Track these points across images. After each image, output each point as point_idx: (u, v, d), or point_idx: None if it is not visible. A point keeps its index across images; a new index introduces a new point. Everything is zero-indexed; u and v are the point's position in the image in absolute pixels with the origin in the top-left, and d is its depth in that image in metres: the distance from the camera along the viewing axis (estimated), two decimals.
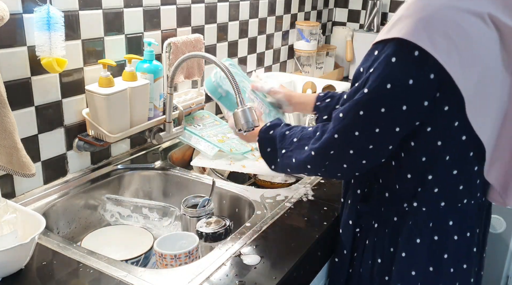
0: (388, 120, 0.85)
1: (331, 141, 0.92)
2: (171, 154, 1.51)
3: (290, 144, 1.02)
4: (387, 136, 0.88)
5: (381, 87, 0.83)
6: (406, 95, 0.82)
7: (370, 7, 2.50)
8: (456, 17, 0.79)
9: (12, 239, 0.85)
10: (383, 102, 0.84)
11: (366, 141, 0.89)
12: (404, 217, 0.97)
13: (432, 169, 0.91)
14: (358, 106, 0.86)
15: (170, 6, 1.47)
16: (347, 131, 0.89)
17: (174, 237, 1.04)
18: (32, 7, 1.06)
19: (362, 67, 0.89)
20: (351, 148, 0.90)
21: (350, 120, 0.88)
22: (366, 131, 0.87)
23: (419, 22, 0.79)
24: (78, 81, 1.23)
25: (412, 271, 0.98)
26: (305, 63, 2.29)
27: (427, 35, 0.78)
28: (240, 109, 1.10)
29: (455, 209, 0.95)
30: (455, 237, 0.97)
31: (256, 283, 0.87)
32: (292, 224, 1.09)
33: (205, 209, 1.15)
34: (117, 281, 0.87)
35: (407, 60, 0.80)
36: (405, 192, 0.96)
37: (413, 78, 0.80)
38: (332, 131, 0.91)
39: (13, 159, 1.00)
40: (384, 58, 0.82)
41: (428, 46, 0.78)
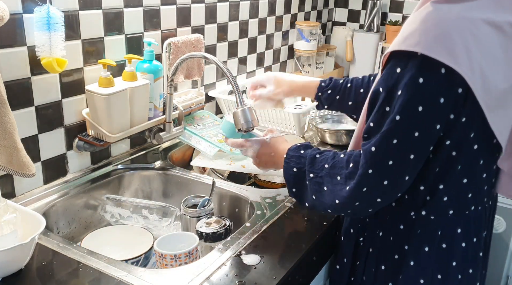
0: (422, 143, 0.83)
1: (365, 178, 0.86)
2: (171, 154, 1.51)
3: (320, 169, 0.95)
4: (421, 159, 0.85)
5: (413, 111, 0.79)
6: (439, 115, 0.81)
7: (370, 7, 2.50)
8: (473, 30, 0.77)
9: (12, 239, 0.85)
10: (416, 126, 0.81)
11: (401, 169, 0.85)
12: (411, 225, 0.96)
13: (444, 178, 0.90)
14: (391, 135, 0.82)
15: (170, 6, 1.47)
16: (381, 163, 0.85)
17: (174, 237, 1.04)
18: (32, 7, 1.06)
19: (381, 87, 0.84)
20: (386, 178, 0.86)
21: (383, 151, 0.84)
22: (401, 159, 0.84)
23: (438, 38, 0.77)
24: (78, 81, 1.23)
25: (421, 279, 0.97)
26: (305, 63, 2.29)
27: (449, 51, 0.76)
28: (239, 109, 1.10)
29: (463, 216, 0.95)
30: (462, 244, 0.96)
31: (256, 283, 0.87)
32: (292, 224, 1.09)
33: (205, 209, 1.15)
34: (117, 281, 0.87)
35: (435, 79, 0.78)
36: (413, 202, 0.94)
37: (443, 96, 0.78)
38: (365, 167, 0.86)
39: (13, 159, 1.00)
40: (411, 79, 0.79)
41: (452, 62, 0.76)
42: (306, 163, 0.97)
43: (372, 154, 0.85)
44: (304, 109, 1.64)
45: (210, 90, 1.74)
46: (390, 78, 0.82)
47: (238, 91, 1.11)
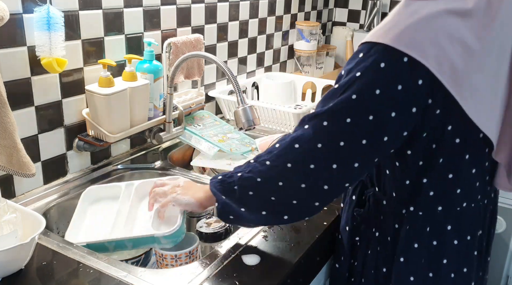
0: (376, 129, 0.80)
1: (313, 152, 0.81)
2: (171, 154, 1.51)
3: (247, 166, 0.88)
4: (375, 147, 0.82)
5: (370, 93, 0.78)
6: (395, 102, 0.78)
7: (370, 7, 2.50)
8: (444, 23, 0.78)
9: (12, 239, 0.85)
10: (371, 109, 0.79)
11: (352, 154, 0.81)
12: (402, 222, 0.95)
13: (428, 172, 0.89)
14: (345, 114, 0.79)
15: (170, 6, 1.47)
16: (332, 141, 0.80)
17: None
18: (32, 7, 1.06)
19: (344, 70, 0.83)
20: (335, 161, 0.81)
21: (335, 128, 0.80)
22: (353, 142, 0.80)
23: (407, 29, 0.77)
24: (78, 81, 1.23)
25: (411, 277, 0.96)
26: (305, 63, 2.29)
27: (415, 43, 0.76)
28: (240, 108, 1.10)
29: (453, 213, 0.93)
30: (454, 242, 0.95)
31: (256, 283, 0.87)
32: (292, 224, 1.09)
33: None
34: (117, 281, 0.87)
35: (396, 66, 0.77)
36: (402, 198, 0.94)
37: (402, 83, 0.77)
38: (313, 140, 0.81)
39: (13, 159, 1.00)
40: (373, 62, 0.78)
41: (417, 54, 0.76)
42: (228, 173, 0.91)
43: (323, 127, 0.80)
44: (304, 109, 1.64)
45: (210, 90, 1.74)
46: (352, 62, 0.82)
47: (239, 90, 1.11)
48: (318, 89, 2.03)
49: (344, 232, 1.06)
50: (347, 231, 1.05)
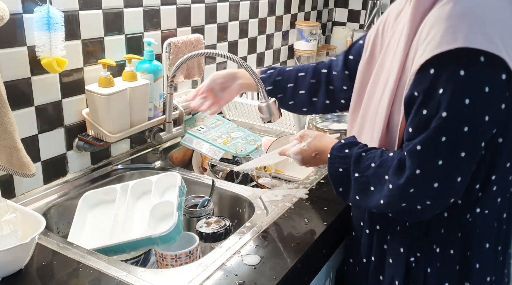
0: (473, 139, 0.78)
1: (411, 178, 0.82)
2: (171, 154, 1.51)
3: (366, 168, 0.90)
4: (474, 157, 0.81)
5: (460, 105, 0.76)
6: (487, 105, 0.77)
7: (370, 7, 2.50)
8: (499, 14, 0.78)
9: (12, 239, 0.85)
10: (465, 120, 0.77)
11: (451, 169, 0.80)
12: (469, 228, 0.91)
13: (495, 168, 0.87)
14: (438, 133, 0.78)
15: (170, 6, 1.47)
16: (429, 163, 0.80)
17: None
18: (32, 7, 1.06)
19: (417, 91, 0.80)
20: (435, 180, 0.81)
21: (431, 150, 0.80)
22: (451, 158, 0.79)
23: (471, 26, 0.75)
24: (78, 81, 1.23)
25: (487, 277, 0.94)
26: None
27: (485, 37, 0.74)
28: (264, 104, 1.16)
29: (506, 200, 0.93)
30: (503, 227, 0.94)
31: (256, 283, 0.87)
32: (292, 224, 1.09)
33: (205, 209, 1.15)
34: (117, 281, 0.87)
35: (476, 69, 0.75)
36: (467, 203, 0.89)
37: (488, 85, 0.75)
38: (412, 168, 0.82)
39: (13, 159, 1.00)
40: (451, 74, 0.76)
41: (491, 48, 0.74)
42: (351, 162, 0.93)
43: (418, 153, 0.81)
44: None
45: None
46: (424, 80, 0.79)
47: (261, 86, 1.15)
48: None
49: (398, 254, 0.97)
50: (402, 252, 0.97)
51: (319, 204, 1.19)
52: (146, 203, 1.11)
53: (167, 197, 1.11)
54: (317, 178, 1.32)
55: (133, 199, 1.13)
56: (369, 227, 1.03)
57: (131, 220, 1.08)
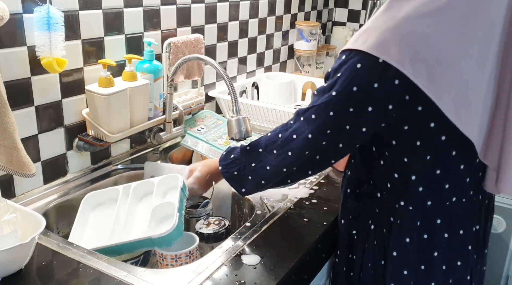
0: (356, 119, 0.89)
1: (306, 142, 0.95)
2: (171, 154, 1.51)
3: (257, 155, 1.03)
4: (355, 135, 0.91)
5: (348, 89, 0.87)
6: (371, 98, 0.86)
7: (370, 7, 2.50)
8: (421, 26, 0.81)
9: (12, 239, 0.85)
10: (350, 102, 0.88)
11: (337, 138, 0.92)
12: (395, 216, 0.98)
13: (415, 169, 0.93)
14: (328, 108, 0.90)
15: (170, 6, 1.47)
16: (320, 130, 0.93)
17: None
18: (32, 7, 1.06)
19: (331, 68, 0.93)
20: (324, 140, 0.93)
21: (322, 120, 0.92)
22: (337, 129, 0.91)
23: (382, 35, 0.82)
24: (78, 81, 1.23)
25: (404, 271, 0.98)
26: (305, 63, 2.29)
27: (390, 48, 0.81)
28: (234, 118, 1.12)
29: (442, 207, 0.96)
30: (445, 235, 0.97)
31: (256, 283, 0.87)
32: (292, 224, 1.09)
33: (205, 209, 1.15)
34: (117, 281, 0.87)
35: (371, 67, 0.84)
36: (395, 191, 0.97)
37: (377, 82, 0.84)
38: (305, 132, 0.94)
39: (13, 159, 1.00)
40: (351, 64, 0.86)
41: (391, 58, 0.81)
42: (242, 160, 1.05)
43: (312, 121, 0.93)
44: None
45: (210, 90, 1.74)
46: (337, 62, 0.91)
47: (236, 99, 1.14)
48: None
49: (341, 225, 1.08)
50: (343, 224, 1.07)
51: (319, 204, 1.19)
52: (148, 204, 1.11)
53: (168, 198, 1.11)
54: (317, 178, 1.32)
55: (135, 200, 1.13)
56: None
57: (132, 220, 1.08)
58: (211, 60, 1.19)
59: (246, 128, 1.13)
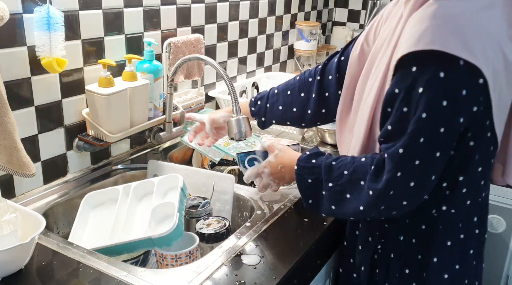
0: (447, 139, 0.82)
1: (392, 181, 0.84)
2: (171, 154, 1.51)
3: (339, 176, 0.92)
4: (446, 157, 0.84)
5: (438, 106, 0.79)
6: (462, 107, 0.80)
7: (370, 7, 2.50)
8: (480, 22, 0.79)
9: (12, 239, 0.85)
10: (442, 121, 0.80)
11: (427, 169, 0.84)
12: (433, 223, 0.94)
13: (464, 170, 0.90)
14: (418, 134, 0.81)
15: (170, 6, 1.47)
16: (409, 164, 0.83)
17: None
18: (32, 7, 1.06)
19: (398, 88, 0.82)
20: (413, 179, 0.84)
21: (411, 152, 0.82)
22: (428, 158, 0.82)
23: (452, 33, 0.77)
24: (78, 81, 1.23)
25: (445, 274, 0.96)
26: (305, 63, 2.29)
27: (463, 46, 0.76)
28: (234, 118, 1.12)
29: (477, 204, 0.95)
30: (476, 231, 0.97)
31: (256, 283, 0.87)
32: (292, 224, 1.09)
33: (205, 209, 1.15)
34: (117, 281, 0.87)
35: (456, 72, 0.78)
36: (434, 200, 0.92)
37: (465, 88, 0.78)
38: (393, 171, 0.84)
39: (13, 159, 1.00)
40: (432, 75, 0.78)
41: (470, 56, 0.76)
42: (321, 173, 0.95)
43: (401, 156, 0.83)
44: None
45: (210, 90, 1.74)
46: (406, 78, 0.81)
47: (236, 99, 1.13)
48: None
49: (367, 243, 1.03)
50: (370, 241, 1.02)
51: None
52: (148, 204, 1.11)
53: (168, 198, 1.11)
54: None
55: (135, 200, 1.13)
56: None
57: (132, 220, 1.08)
58: (211, 60, 1.19)
59: (246, 128, 1.12)
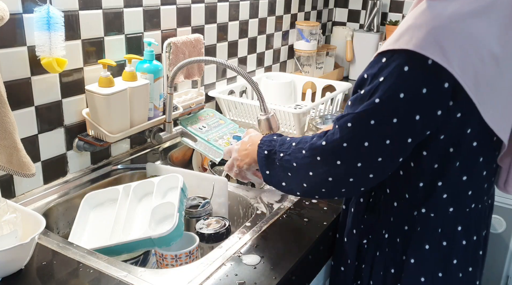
0: (400, 131, 0.82)
1: (338, 151, 0.86)
2: (171, 154, 1.51)
3: (288, 148, 0.97)
4: (398, 148, 0.84)
5: (393, 97, 0.79)
6: (420, 105, 0.79)
7: (370, 7, 2.50)
8: (468, 27, 0.77)
9: (12, 239, 0.85)
10: (395, 112, 0.80)
11: (375, 153, 0.84)
12: (414, 224, 0.95)
13: (443, 175, 0.89)
14: (369, 116, 0.82)
15: (170, 6, 1.47)
16: (357, 142, 0.84)
17: None
18: (32, 7, 1.06)
19: (367, 74, 0.84)
20: (360, 160, 0.85)
21: (360, 130, 0.84)
22: (377, 142, 0.83)
23: (430, 33, 0.77)
24: (78, 81, 1.23)
25: (422, 278, 0.96)
26: (305, 63, 2.29)
27: (439, 47, 0.76)
28: (264, 117, 1.20)
29: (463, 214, 0.94)
30: (463, 242, 0.96)
31: (256, 283, 0.87)
32: (292, 224, 1.09)
33: (205, 209, 1.15)
34: (117, 281, 0.87)
35: (420, 69, 0.77)
36: (414, 200, 0.93)
37: (426, 87, 0.78)
38: (339, 140, 0.86)
39: (13, 159, 1.00)
40: (396, 67, 0.79)
41: (442, 59, 0.76)
42: (276, 145, 1.01)
43: (348, 129, 0.85)
44: (304, 109, 1.64)
45: (210, 90, 1.74)
46: (375, 66, 0.83)
47: (262, 99, 1.18)
48: (318, 89, 2.03)
49: (351, 235, 1.05)
50: (355, 234, 1.04)
51: (319, 204, 1.19)
52: (148, 204, 1.11)
53: (168, 198, 1.11)
54: None
55: (135, 200, 1.13)
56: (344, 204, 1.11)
57: (132, 220, 1.08)
58: (214, 59, 1.21)
59: (274, 125, 1.21)
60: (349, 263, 1.07)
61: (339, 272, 1.10)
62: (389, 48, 0.81)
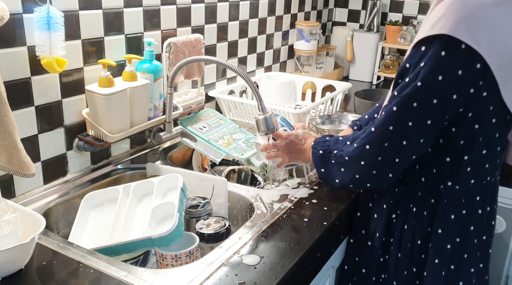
0: (439, 111, 0.92)
1: (386, 134, 0.97)
2: (171, 154, 1.51)
3: (343, 145, 1.07)
4: (437, 127, 0.95)
5: (433, 79, 0.90)
6: (457, 85, 0.90)
7: (370, 7, 2.50)
8: (492, 15, 0.88)
9: (12, 239, 0.85)
10: (435, 93, 0.91)
11: (418, 133, 0.95)
12: (440, 197, 1.04)
13: (468, 150, 0.98)
14: (412, 99, 0.92)
15: (170, 6, 1.47)
16: (402, 123, 0.95)
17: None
18: (32, 7, 1.06)
19: (409, 63, 0.94)
20: (405, 139, 0.96)
21: (404, 112, 0.94)
22: (419, 122, 0.94)
23: (461, 20, 0.87)
24: (78, 81, 1.23)
25: (448, 245, 1.05)
26: (305, 63, 2.29)
27: (469, 32, 0.86)
28: (261, 117, 1.20)
29: (480, 185, 1.04)
30: (479, 211, 1.06)
31: (256, 283, 0.87)
32: (292, 224, 1.09)
33: (205, 209, 1.15)
34: (117, 281, 0.87)
35: (455, 53, 0.88)
36: (441, 174, 1.03)
37: (462, 69, 0.88)
38: (386, 123, 0.96)
39: (13, 159, 1.00)
40: (434, 53, 0.89)
41: (473, 42, 0.86)
42: (331, 144, 1.11)
43: (393, 113, 0.95)
44: (304, 109, 1.64)
45: (210, 90, 1.74)
46: (416, 55, 0.93)
47: (260, 98, 1.18)
48: (318, 89, 2.03)
49: (381, 209, 1.13)
50: (384, 208, 1.12)
51: (319, 204, 1.19)
52: (148, 204, 1.11)
53: (168, 198, 1.11)
54: (317, 178, 1.32)
55: (135, 200, 1.13)
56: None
57: (132, 220, 1.08)
58: (217, 59, 1.20)
59: (274, 125, 1.20)
60: (377, 237, 1.13)
61: (364, 247, 1.17)
62: (426, 35, 0.90)
